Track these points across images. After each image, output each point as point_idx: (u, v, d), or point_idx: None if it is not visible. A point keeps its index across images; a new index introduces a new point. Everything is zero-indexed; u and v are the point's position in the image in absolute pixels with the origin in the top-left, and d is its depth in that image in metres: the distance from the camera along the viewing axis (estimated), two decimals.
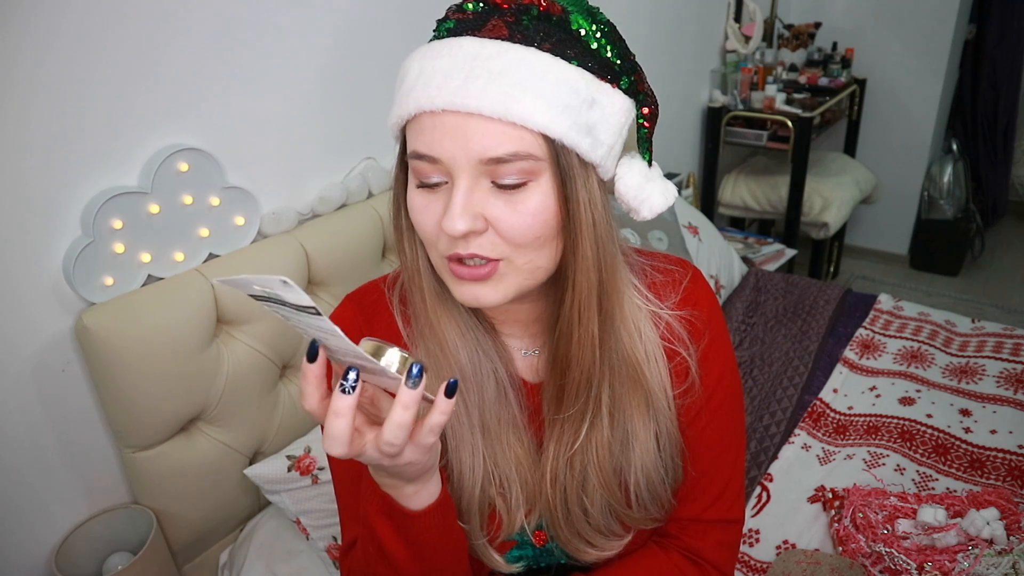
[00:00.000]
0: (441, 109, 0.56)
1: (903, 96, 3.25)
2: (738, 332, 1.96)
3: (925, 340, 1.87)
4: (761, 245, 2.65)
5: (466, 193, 0.58)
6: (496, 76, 0.56)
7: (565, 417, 0.69)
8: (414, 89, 0.58)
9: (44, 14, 0.97)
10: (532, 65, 0.57)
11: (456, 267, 0.61)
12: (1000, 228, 3.80)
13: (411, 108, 0.58)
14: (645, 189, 0.66)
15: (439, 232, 0.60)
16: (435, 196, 0.60)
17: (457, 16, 0.61)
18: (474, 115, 0.56)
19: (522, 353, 0.74)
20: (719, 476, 0.77)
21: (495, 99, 0.55)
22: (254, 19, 1.23)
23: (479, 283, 0.61)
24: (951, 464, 1.45)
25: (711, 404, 0.75)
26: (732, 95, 2.76)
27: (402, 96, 0.60)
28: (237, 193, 1.24)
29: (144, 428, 1.13)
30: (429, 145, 0.58)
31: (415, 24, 1.53)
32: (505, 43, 0.57)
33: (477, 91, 0.55)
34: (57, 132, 1.02)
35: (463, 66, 0.56)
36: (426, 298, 0.68)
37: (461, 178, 0.58)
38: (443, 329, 0.69)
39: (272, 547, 1.25)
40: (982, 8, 3.27)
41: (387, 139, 1.54)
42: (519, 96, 0.56)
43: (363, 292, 0.77)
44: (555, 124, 0.57)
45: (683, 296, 0.74)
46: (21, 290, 1.03)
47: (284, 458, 1.26)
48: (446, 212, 0.58)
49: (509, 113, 0.55)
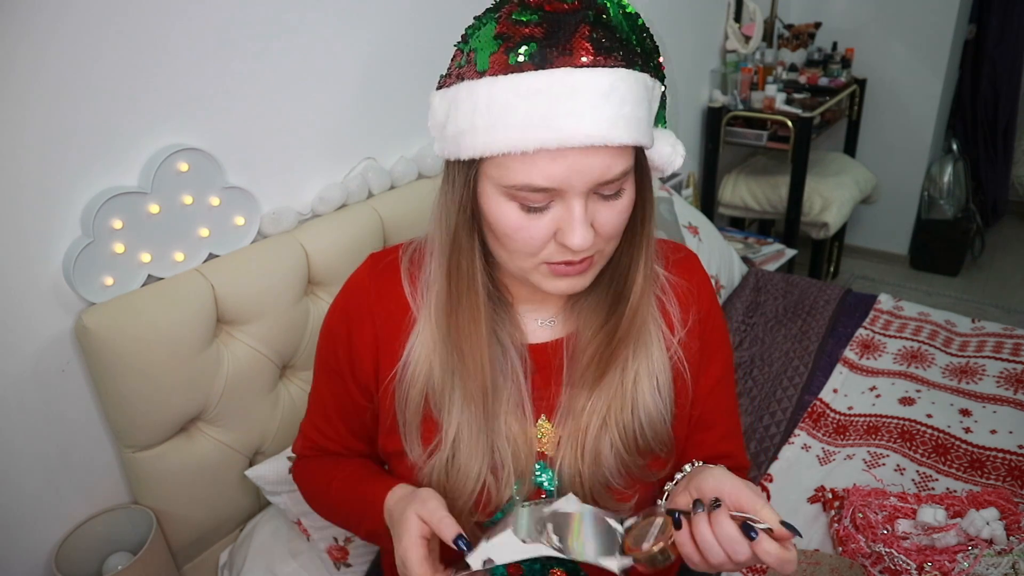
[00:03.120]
0: (569, 147, 0.61)
1: (903, 96, 3.25)
2: (738, 332, 1.96)
3: (925, 340, 1.87)
4: (761, 245, 2.65)
5: (584, 211, 0.64)
6: (603, 106, 0.60)
7: (603, 385, 0.76)
8: (529, 127, 0.60)
9: (43, 13, 0.97)
10: (624, 90, 0.62)
11: (557, 267, 0.68)
12: (1000, 228, 3.80)
13: (528, 146, 0.61)
14: (673, 153, 0.74)
15: (545, 243, 0.66)
16: (540, 216, 0.65)
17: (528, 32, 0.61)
18: (595, 147, 0.61)
19: (539, 323, 0.81)
20: (720, 421, 0.86)
21: (608, 129, 0.61)
22: (254, 19, 1.23)
23: (576, 276, 0.69)
24: (951, 464, 1.45)
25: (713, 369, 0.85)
26: (732, 95, 2.76)
27: (507, 130, 0.61)
28: (237, 193, 1.24)
29: (144, 428, 1.13)
30: (549, 178, 0.62)
31: (420, 24, 1.53)
32: (598, 70, 0.61)
33: (593, 125, 0.60)
34: (56, 132, 1.02)
35: (582, 101, 0.60)
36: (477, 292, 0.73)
37: (577, 200, 0.64)
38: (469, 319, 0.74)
39: (272, 547, 1.25)
40: (982, 8, 3.27)
41: (387, 139, 1.55)
42: (625, 124, 0.61)
43: (383, 253, 0.85)
44: (645, 137, 0.65)
45: (676, 262, 0.85)
46: (21, 290, 1.03)
47: (285, 459, 1.26)
48: (567, 229, 0.64)
49: (622, 140, 0.61)
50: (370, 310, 0.81)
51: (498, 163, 0.64)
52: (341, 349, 0.83)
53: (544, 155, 0.61)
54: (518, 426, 0.76)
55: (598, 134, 0.60)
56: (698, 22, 2.68)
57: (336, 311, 0.84)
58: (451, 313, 0.74)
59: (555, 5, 0.61)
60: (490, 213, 0.67)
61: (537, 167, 0.62)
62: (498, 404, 0.76)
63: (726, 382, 0.88)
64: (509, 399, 0.76)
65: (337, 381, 0.85)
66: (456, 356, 0.74)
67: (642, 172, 0.70)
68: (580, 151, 0.61)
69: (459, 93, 0.65)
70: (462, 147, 0.65)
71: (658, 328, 0.80)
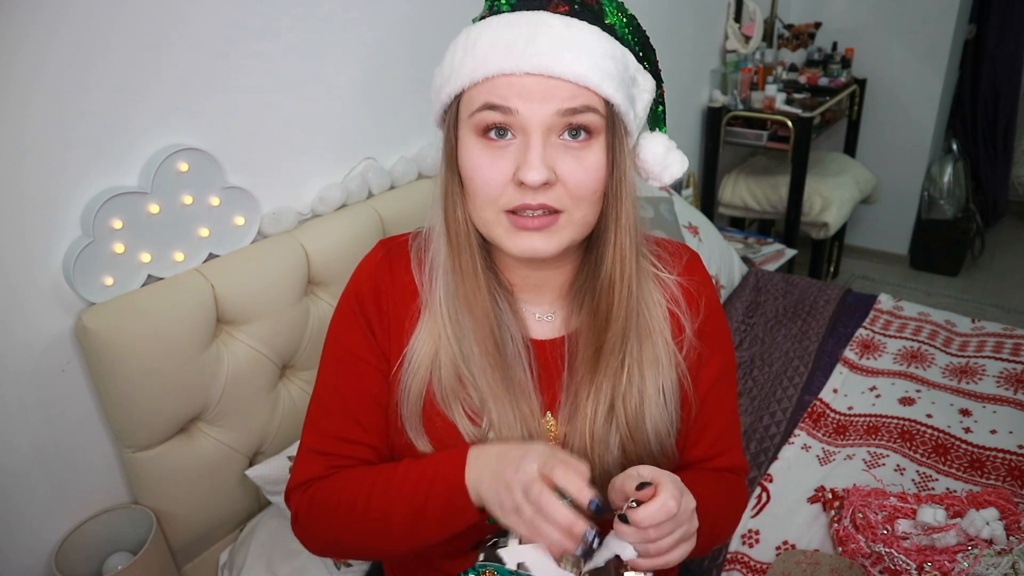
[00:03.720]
0: (524, 72, 0.63)
1: (903, 96, 3.25)
2: (738, 332, 1.96)
3: (925, 340, 1.87)
4: (761, 245, 2.65)
5: (541, 147, 0.64)
6: (572, 46, 0.64)
7: (601, 375, 0.75)
8: (492, 54, 0.64)
9: (44, 13, 0.97)
10: (597, 41, 0.65)
11: (516, 219, 0.67)
12: (1000, 228, 3.80)
13: (490, 70, 0.64)
14: (668, 157, 0.75)
15: (504, 186, 0.66)
16: (501, 153, 0.66)
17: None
18: (554, 77, 0.63)
19: (536, 317, 0.80)
20: (717, 421, 0.85)
21: (574, 65, 0.63)
22: (254, 19, 1.23)
23: (538, 233, 0.68)
24: (951, 464, 1.45)
25: (712, 367, 0.84)
26: (732, 95, 2.76)
27: (473, 62, 0.66)
28: (237, 193, 1.24)
29: (144, 428, 1.13)
30: (506, 98, 0.64)
31: (419, 24, 1.53)
32: (573, 19, 0.65)
33: (558, 57, 0.63)
34: (57, 132, 1.02)
35: (543, 35, 0.64)
36: (475, 256, 0.73)
37: (535, 133, 0.64)
38: (474, 288, 0.74)
39: (272, 547, 1.25)
40: (982, 8, 3.27)
41: (387, 139, 1.55)
42: (592, 65, 0.64)
43: (394, 239, 0.85)
44: (616, 94, 0.66)
45: (684, 267, 0.84)
46: (21, 290, 1.03)
47: (286, 459, 1.26)
48: (523, 164, 0.64)
49: (586, 78, 0.63)
50: (386, 290, 0.79)
51: (467, 97, 0.67)
52: (359, 333, 0.79)
53: (502, 78, 0.64)
54: (531, 417, 0.76)
55: (557, 66, 0.63)
56: (698, 22, 2.68)
57: (350, 294, 0.81)
58: (456, 270, 0.74)
59: None
60: (461, 157, 0.69)
61: (495, 88, 0.65)
62: (511, 391, 0.75)
63: (725, 383, 0.86)
64: (520, 387, 0.76)
65: (356, 372, 0.79)
66: (466, 312, 0.74)
67: (615, 137, 0.68)
68: (537, 79, 0.64)
69: (453, 43, 0.70)
70: (443, 93, 0.69)
71: (664, 334, 0.78)
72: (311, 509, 0.78)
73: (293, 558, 1.24)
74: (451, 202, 0.72)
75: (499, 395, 0.74)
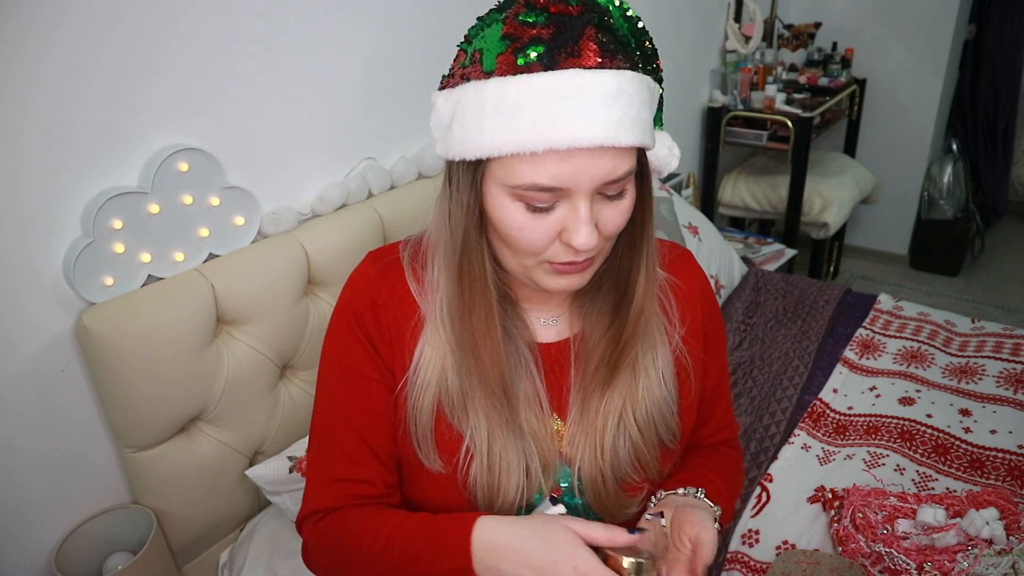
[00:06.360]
0: (576, 147, 0.61)
1: (903, 96, 3.25)
2: (738, 332, 1.96)
3: (925, 340, 1.87)
4: (761, 245, 2.65)
5: (589, 212, 0.64)
6: (611, 107, 0.61)
7: (614, 383, 0.77)
8: (538, 126, 0.61)
9: (44, 13, 0.97)
10: (636, 91, 0.63)
11: (560, 267, 0.69)
12: (1000, 228, 3.80)
13: (539, 145, 0.61)
14: (669, 156, 0.75)
15: (548, 245, 0.67)
16: (545, 215, 0.65)
17: (535, 33, 0.62)
18: (604, 146, 0.62)
19: (541, 322, 0.81)
20: (717, 410, 0.91)
21: (616, 131, 0.61)
22: (254, 19, 1.23)
23: (577, 274, 0.70)
24: (951, 464, 1.45)
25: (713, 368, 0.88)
26: (732, 95, 2.76)
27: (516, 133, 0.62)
28: (237, 193, 1.24)
29: (144, 428, 1.13)
30: (556, 178, 0.63)
31: (420, 24, 1.53)
32: (605, 72, 0.62)
33: (608, 126, 0.61)
34: (57, 132, 1.02)
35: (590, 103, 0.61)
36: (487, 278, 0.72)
37: (582, 200, 0.64)
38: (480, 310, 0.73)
39: (272, 547, 1.25)
40: (982, 8, 3.27)
41: (387, 139, 1.55)
42: (631, 125, 0.62)
43: (383, 251, 0.83)
44: (648, 139, 0.65)
45: (672, 261, 0.85)
46: (21, 290, 1.03)
47: (285, 459, 1.26)
48: (572, 229, 0.65)
49: (629, 141, 0.62)
50: (384, 304, 0.77)
51: (505, 163, 0.64)
52: (360, 350, 0.78)
53: (552, 155, 0.61)
54: (538, 422, 0.77)
55: (606, 135, 0.61)
56: (698, 22, 2.68)
57: (346, 311, 0.79)
58: (464, 316, 0.72)
59: (560, 7, 0.62)
60: (495, 213, 0.67)
61: (544, 167, 0.62)
62: (517, 402, 0.76)
63: (724, 379, 0.92)
64: (527, 396, 0.77)
65: (360, 390, 0.78)
66: (472, 358, 0.73)
67: (643, 173, 0.70)
68: (587, 152, 0.61)
69: (465, 93, 0.65)
70: (468, 148, 0.65)
71: (661, 326, 0.81)
72: (321, 546, 0.79)
73: (293, 558, 1.24)
74: (470, 236, 0.70)
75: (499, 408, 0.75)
